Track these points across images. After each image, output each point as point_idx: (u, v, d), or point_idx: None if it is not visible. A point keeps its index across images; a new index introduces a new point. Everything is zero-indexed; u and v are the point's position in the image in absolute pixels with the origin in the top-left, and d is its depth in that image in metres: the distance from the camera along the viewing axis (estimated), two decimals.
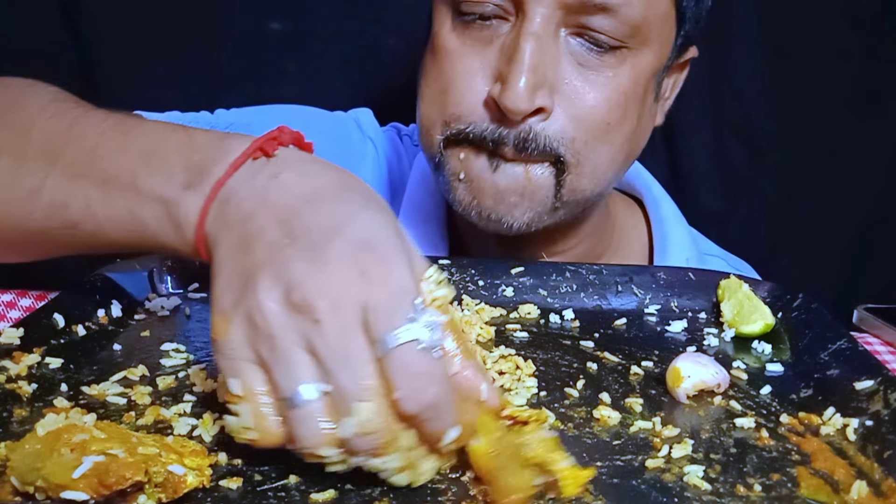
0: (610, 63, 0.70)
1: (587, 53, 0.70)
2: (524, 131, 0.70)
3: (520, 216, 0.74)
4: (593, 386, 0.58)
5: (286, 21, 1.13)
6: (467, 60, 0.71)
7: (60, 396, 0.52)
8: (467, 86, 0.71)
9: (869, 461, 0.49)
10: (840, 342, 0.62)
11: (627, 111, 0.72)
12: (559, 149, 0.71)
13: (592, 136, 0.71)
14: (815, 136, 1.19)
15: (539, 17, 0.67)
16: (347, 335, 0.41)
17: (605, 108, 0.71)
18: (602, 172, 0.74)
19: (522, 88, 0.67)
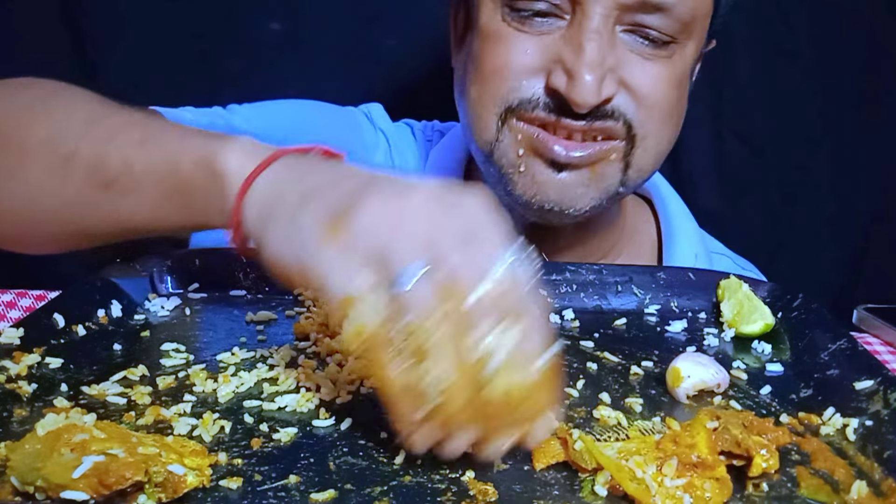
0: (661, 56, 0.74)
1: (641, 48, 0.73)
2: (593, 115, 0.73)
3: (583, 205, 0.76)
4: (593, 386, 0.58)
5: (286, 21, 1.13)
6: (525, 43, 0.73)
7: (60, 396, 0.52)
8: (527, 65, 0.73)
9: (869, 461, 0.49)
10: (840, 342, 0.62)
11: (680, 95, 0.77)
12: (625, 112, 0.73)
13: (657, 114, 0.75)
14: (815, 136, 1.19)
15: (598, 15, 0.70)
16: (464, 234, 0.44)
17: (663, 90, 0.75)
18: (663, 150, 0.78)
19: (591, 83, 0.70)
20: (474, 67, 0.76)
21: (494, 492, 0.45)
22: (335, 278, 0.44)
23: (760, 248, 1.19)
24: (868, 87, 1.17)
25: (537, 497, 0.44)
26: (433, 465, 0.46)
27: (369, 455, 0.48)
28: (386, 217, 0.44)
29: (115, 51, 1.12)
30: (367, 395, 0.55)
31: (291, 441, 0.49)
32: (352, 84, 1.15)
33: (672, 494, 0.43)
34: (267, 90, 0.99)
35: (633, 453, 0.46)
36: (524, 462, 0.47)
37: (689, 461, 0.45)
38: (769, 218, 1.22)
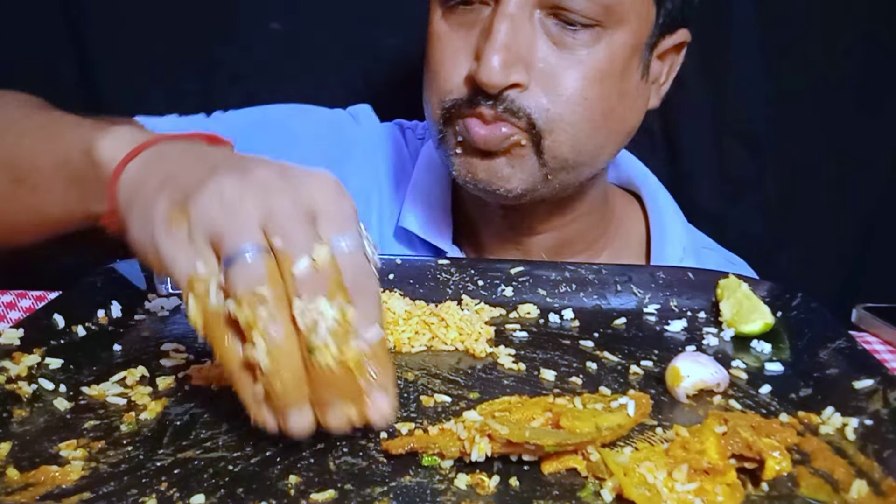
0: (584, 41, 0.72)
1: (561, 32, 0.72)
2: (500, 100, 0.73)
3: (514, 187, 0.76)
4: (593, 385, 0.58)
5: (286, 21, 1.13)
6: (452, 43, 0.76)
7: (60, 397, 0.53)
8: (452, 66, 0.75)
9: (868, 460, 0.49)
10: (839, 341, 0.63)
11: (605, 87, 0.74)
12: (533, 115, 0.73)
13: (568, 109, 0.74)
14: (815, 137, 1.19)
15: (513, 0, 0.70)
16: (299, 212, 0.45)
17: (580, 84, 0.73)
18: (583, 142, 0.76)
19: (496, 64, 0.70)
20: (424, 69, 0.80)
21: (494, 491, 0.45)
22: (179, 262, 0.45)
23: (760, 248, 1.18)
24: (868, 87, 1.17)
25: (537, 497, 0.44)
26: (433, 465, 0.47)
27: (369, 455, 0.48)
28: (224, 199, 0.45)
29: (115, 51, 1.12)
30: None
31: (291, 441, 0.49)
32: (352, 84, 1.15)
33: (684, 500, 0.43)
34: (267, 90, 0.99)
35: (644, 459, 0.46)
36: (527, 463, 0.47)
37: (700, 467, 0.45)
38: (769, 218, 1.22)
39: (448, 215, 0.90)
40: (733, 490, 0.45)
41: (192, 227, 0.45)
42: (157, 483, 0.44)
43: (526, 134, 0.74)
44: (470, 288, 0.74)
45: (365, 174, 0.94)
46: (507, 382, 0.58)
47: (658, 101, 0.84)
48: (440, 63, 0.76)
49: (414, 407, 0.54)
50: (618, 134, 0.80)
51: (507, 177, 0.76)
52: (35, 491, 0.43)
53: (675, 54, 0.83)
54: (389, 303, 0.66)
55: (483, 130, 0.74)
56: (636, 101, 0.80)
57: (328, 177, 0.48)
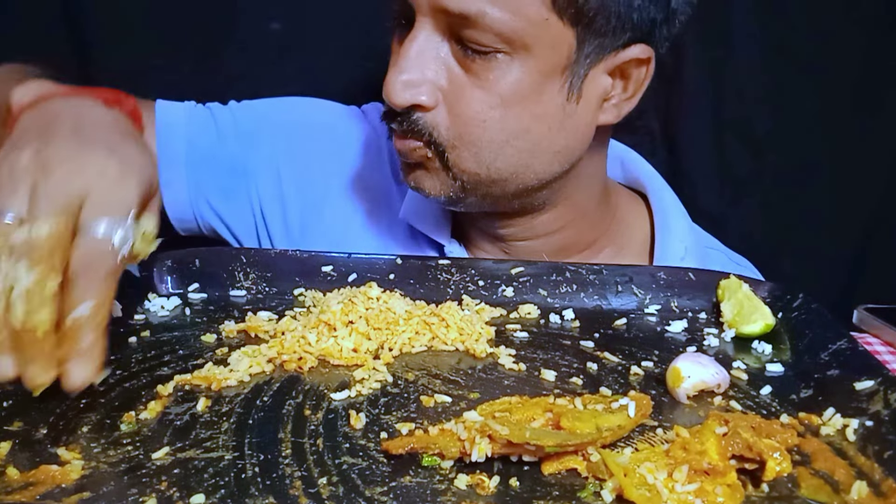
0: (487, 67, 0.73)
1: (467, 59, 0.74)
2: (405, 117, 0.75)
3: (436, 193, 0.79)
4: (593, 386, 0.58)
5: (286, 21, 1.13)
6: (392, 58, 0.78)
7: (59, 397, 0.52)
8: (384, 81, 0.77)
9: (869, 461, 0.49)
10: (840, 342, 0.62)
11: (511, 110, 0.74)
12: (432, 133, 0.75)
13: (467, 129, 0.75)
14: (815, 136, 1.19)
15: (422, 24, 0.73)
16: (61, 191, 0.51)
17: (480, 106, 0.74)
18: (490, 159, 0.76)
19: (397, 84, 0.73)
20: None
21: (494, 491, 0.45)
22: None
23: (760, 248, 1.18)
24: (868, 87, 1.17)
25: (537, 497, 0.44)
26: (433, 465, 0.47)
27: (369, 455, 0.48)
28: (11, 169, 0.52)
29: (115, 51, 1.11)
30: (368, 395, 0.55)
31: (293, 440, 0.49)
32: (352, 84, 1.15)
33: (684, 500, 0.43)
34: (267, 90, 0.99)
35: (644, 460, 0.46)
36: (527, 463, 0.47)
37: (701, 468, 0.45)
38: (769, 218, 1.22)
39: (446, 211, 0.90)
40: (733, 491, 0.45)
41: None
42: (157, 483, 0.44)
43: (429, 150, 0.76)
44: (470, 288, 0.74)
45: (375, 170, 0.94)
46: (508, 383, 0.58)
47: (615, 116, 0.81)
48: None
49: (414, 407, 0.54)
50: (545, 152, 0.78)
51: (428, 187, 0.79)
52: (35, 490, 0.43)
53: (637, 68, 0.79)
54: (390, 303, 0.66)
55: (398, 144, 0.78)
56: (564, 122, 0.77)
57: (113, 163, 0.54)
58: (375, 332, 0.62)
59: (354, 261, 0.75)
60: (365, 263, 0.75)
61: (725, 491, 0.44)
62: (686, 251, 0.89)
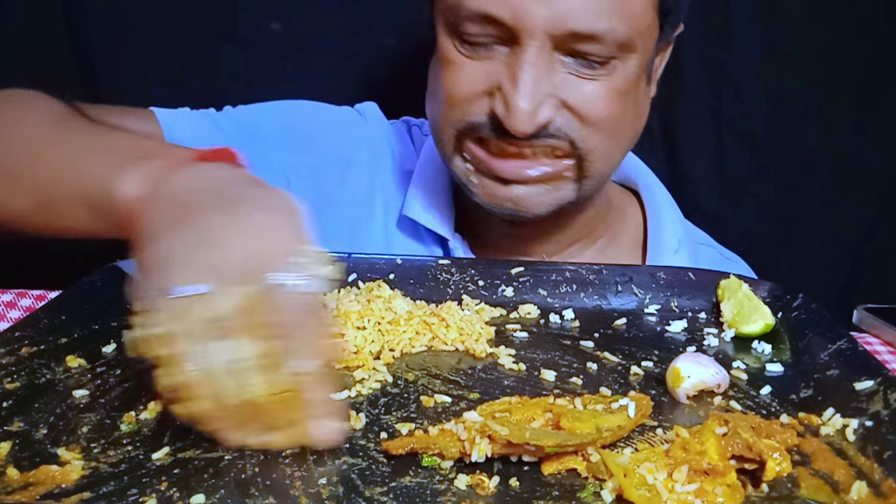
0: (601, 73, 0.75)
1: (580, 68, 0.75)
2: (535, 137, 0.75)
3: (542, 211, 0.80)
4: (593, 386, 0.58)
5: (286, 21, 1.13)
6: (471, 70, 0.76)
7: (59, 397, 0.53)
8: (474, 90, 0.77)
9: (869, 461, 0.49)
10: (840, 342, 0.62)
11: (625, 104, 0.78)
12: (571, 134, 0.76)
13: (601, 129, 0.77)
14: (815, 136, 1.19)
15: (532, 48, 0.72)
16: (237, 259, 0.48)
17: (603, 105, 0.76)
18: (613, 155, 0.81)
19: (525, 112, 0.73)
20: (435, 88, 0.82)
21: (494, 491, 0.45)
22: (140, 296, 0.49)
23: (760, 248, 1.18)
24: (868, 87, 1.17)
25: (537, 497, 0.44)
26: (433, 466, 0.47)
27: (369, 455, 0.48)
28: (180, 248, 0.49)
29: (115, 51, 1.11)
30: (368, 395, 0.55)
31: None
32: (352, 84, 1.15)
33: (684, 500, 0.43)
34: (267, 90, 0.99)
35: (644, 460, 0.46)
36: (527, 464, 0.47)
37: (700, 468, 0.45)
38: (769, 218, 1.22)
39: (450, 205, 0.91)
40: (733, 491, 0.45)
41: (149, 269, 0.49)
42: (157, 483, 0.44)
43: (571, 161, 0.78)
44: (470, 288, 0.74)
45: (372, 171, 0.94)
46: (508, 383, 0.58)
47: (655, 88, 0.87)
48: (456, 92, 0.77)
49: (414, 407, 0.54)
50: (632, 139, 0.83)
51: (537, 204, 0.79)
52: (35, 490, 0.43)
53: (668, 48, 0.85)
54: (392, 303, 0.66)
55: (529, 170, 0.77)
56: (644, 104, 0.83)
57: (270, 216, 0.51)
58: (378, 335, 0.62)
59: (354, 261, 0.75)
60: (365, 263, 0.75)
61: (725, 491, 0.44)
62: (680, 244, 0.91)
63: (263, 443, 0.48)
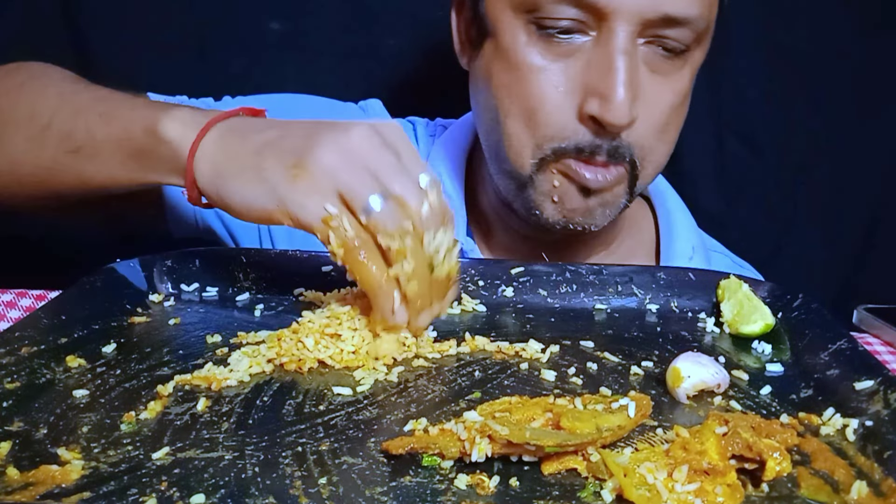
0: (677, 66, 0.73)
1: (657, 60, 0.73)
2: (617, 141, 0.73)
3: (601, 222, 0.79)
4: (593, 386, 0.58)
5: (286, 21, 1.13)
6: (553, 77, 0.72)
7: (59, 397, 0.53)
8: (559, 104, 0.73)
9: (869, 461, 0.49)
10: (840, 342, 0.62)
11: (682, 109, 0.77)
12: (634, 151, 0.75)
13: (656, 136, 0.76)
14: (815, 137, 1.19)
15: (624, 32, 0.69)
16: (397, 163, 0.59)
17: (670, 110, 0.75)
18: (662, 162, 0.80)
19: (624, 103, 0.69)
20: (509, 100, 0.75)
21: (494, 491, 0.45)
22: (310, 208, 0.57)
23: (760, 248, 1.18)
24: (868, 88, 1.17)
25: (537, 497, 0.44)
26: (433, 466, 0.47)
27: (369, 455, 0.48)
28: (335, 159, 0.57)
29: (115, 50, 1.12)
30: (368, 394, 0.55)
31: (293, 440, 0.49)
32: (352, 83, 1.15)
33: (684, 500, 0.43)
34: (267, 90, 0.99)
35: (644, 460, 0.46)
36: (527, 463, 0.47)
37: (701, 468, 0.45)
38: (769, 218, 1.22)
39: (462, 208, 0.90)
40: (733, 491, 0.45)
41: (314, 182, 0.57)
42: (157, 483, 0.44)
43: (626, 173, 0.76)
44: (470, 288, 0.74)
45: None
46: (508, 382, 0.58)
47: None
48: (540, 101, 0.73)
49: (414, 407, 0.54)
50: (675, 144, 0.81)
51: (599, 215, 0.78)
52: (35, 490, 0.43)
53: None
54: None
55: (599, 176, 0.75)
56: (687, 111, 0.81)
57: (397, 126, 0.60)
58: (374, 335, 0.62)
59: None
60: None
61: (725, 491, 0.44)
62: (693, 251, 0.90)
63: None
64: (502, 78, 0.76)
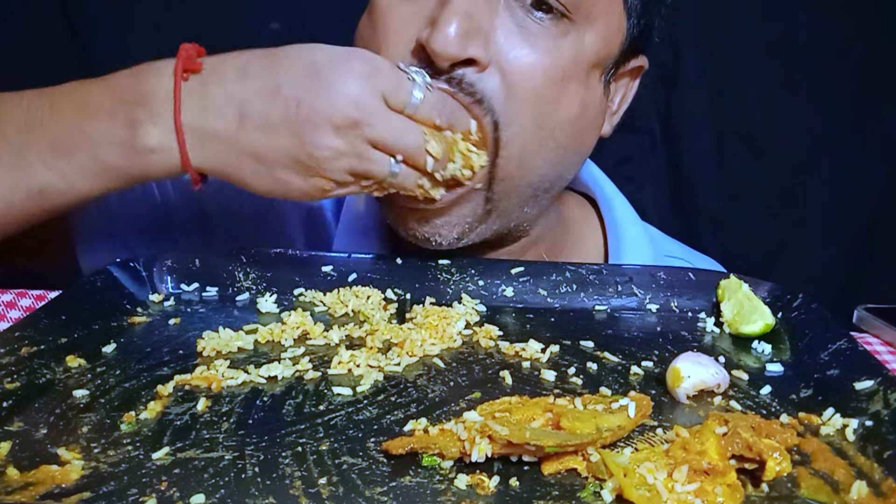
0: (551, 32, 0.65)
1: (527, 17, 0.65)
2: (455, 77, 0.65)
3: (448, 234, 0.71)
4: (593, 386, 0.58)
5: (286, 21, 1.13)
6: (399, 9, 0.67)
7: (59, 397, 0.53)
8: (398, 34, 0.66)
9: (869, 461, 0.49)
10: (840, 342, 0.62)
11: (566, 90, 0.67)
12: (493, 103, 0.65)
13: (524, 108, 0.66)
14: (815, 137, 1.19)
15: None
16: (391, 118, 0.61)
17: (539, 76, 0.66)
18: (532, 159, 0.69)
19: (452, 32, 0.62)
20: (361, 42, 0.71)
21: (494, 491, 0.45)
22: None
23: (760, 248, 1.19)
24: (868, 87, 1.17)
25: (537, 497, 0.44)
26: (433, 466, 0.47)
27: (369, 455, 0.48)
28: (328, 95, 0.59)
29: (115, 51, 1.12)
30: (368, 394, 0.55)
31: (293, 440, 0.49)
32: None
33: (684, 500, 0.43)
34: None
35: (644, 460, 0.46)
36: (527, 463, 0.47)
37: (700, 468, 0.45)
38: (769, 218, 1.22)
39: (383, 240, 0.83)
40: (733, 491, 0.45)
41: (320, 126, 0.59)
42: (157, 483, 0.44)
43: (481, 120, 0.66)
44: (470, 288, 0.74)
45: None
46: (508, 382, 0.58)
47: (610, 129, 0.77)
48: (383, 33, 0.67)
49: (414, 407, 0.54)
50: (576, 154, 0.73)
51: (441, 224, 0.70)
52: (35, 490, 0.43)
53: (631, 80, 0.77)
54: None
55: None
56: (597, 120, 0.73)
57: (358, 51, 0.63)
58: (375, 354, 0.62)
59: (354, 261, 0.75)
60: (365, 263, 0.75)
61: (725, 491, 0.44)
62: None
63: None
64: (363, 24, 0.71)
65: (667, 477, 0.45)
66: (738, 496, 0.44)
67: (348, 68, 0.60)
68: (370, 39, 0.69)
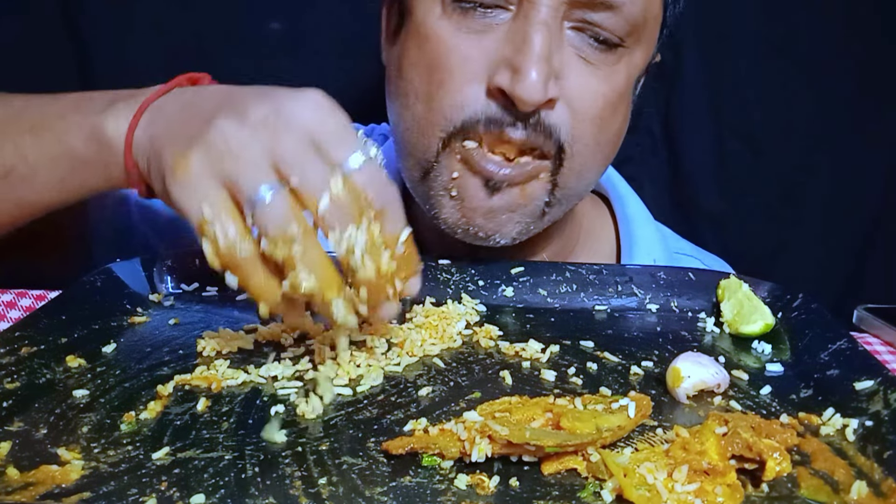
0: (608, 60, 0.69)
1: (587, 49, 0.68)
2: (532, 121, 0.67)
3: (509, 231, 0.72)
4: (593, 386, 0.58)
5: (286, 21, 1.13)
6: (464, 49, 0.67)
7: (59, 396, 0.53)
8: (467, 77, 0.67)
9: (869, 461, 0.49)
10: (840, 342, 0.62)
11: (618, 109, 0.72)
12: (560, 132, 0.68)
13: (587, 129, 0.69)
14: (815, 137, 1.19)
15: (545, 6, 0.64)
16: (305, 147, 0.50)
17: (601, 102, 0.69)
18: (588, 170, 0.73)
19: (537, 79, 0.64)
20: (411, 76, 0.70)
21: (494, 491, 0.45)
22: (188, 206, 0.50)
23: (760, 248, 1.19)
24: (868, 88, 1.17)
25: (537, 497, 0.44)
26: (433, 466, 0.47)
27: (369, 455, 0.48)
28: (230, 144, 0.50)
29: (115, 51, 1.12)
30: (369, 394, 0.55)
31: (293, 440, 0.49)
32: (351, 84, 1.15)
33: (684, 500, 0.43)
34: None
35: (644, 460, 0.46)
36: (527, 463, 0.47)
37: (700, 468, 0.45)
38: (769, 218, 1.22)
39: None
40: (733, 491, 0.45)
41: (199, 172, 0.50)
42: (157, 483, 0.44)
43: (548, 162, 0.69)
44: (470, 288, 0.74)
45: None
46: (508, 382, 0.58)
47: None
48: (449, 72, 0.67)
49: (414, 407, 0.54)
50: (611, 159, 0.77)
51: (506, 220, 0.71)
52: (35, 490, 0.43)
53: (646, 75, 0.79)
54: None
55: (505, 169, 0.68)
56: (625, 124, 0.76)
57: (317, 97, 0.52)
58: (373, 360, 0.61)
59: None
60: None
61: (725, 491, 0.44)
62: (654, 262, 0.86)
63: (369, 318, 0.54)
64: (412, 56, 0.70)
65: (667, 477, 0.45)
66: (738, 496, 0.44)
67: None
68: (430, 79, 0.68)
